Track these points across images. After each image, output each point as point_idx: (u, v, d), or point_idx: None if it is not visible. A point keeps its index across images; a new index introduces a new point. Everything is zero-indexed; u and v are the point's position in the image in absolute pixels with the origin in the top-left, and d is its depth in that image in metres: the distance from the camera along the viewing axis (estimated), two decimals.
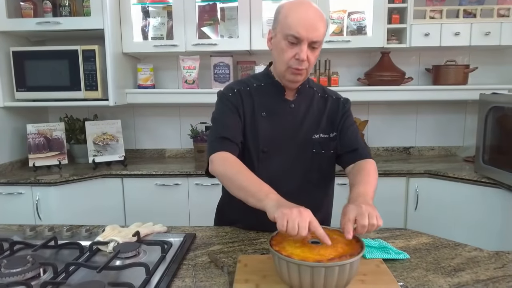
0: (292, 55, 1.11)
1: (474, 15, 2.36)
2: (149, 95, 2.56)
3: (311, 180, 1.25)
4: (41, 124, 2.46)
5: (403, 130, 2.75)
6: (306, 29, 1.07)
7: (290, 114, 1.22)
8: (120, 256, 1.04)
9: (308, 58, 1.11)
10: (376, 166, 1.24)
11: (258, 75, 1.31)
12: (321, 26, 1.10)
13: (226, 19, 2.51)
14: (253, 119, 1.21)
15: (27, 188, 2.16)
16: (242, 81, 1.29)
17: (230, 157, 1.12)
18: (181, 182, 2.32)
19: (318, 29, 1.09)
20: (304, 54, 1.09)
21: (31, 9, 2.36)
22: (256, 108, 1.21)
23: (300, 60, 1.10)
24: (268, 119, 1.21)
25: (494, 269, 0.98)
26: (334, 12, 2.47)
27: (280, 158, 1.21)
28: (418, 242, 1.17)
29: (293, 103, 1.23)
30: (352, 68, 2.69)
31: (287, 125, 1.21)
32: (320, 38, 1.10)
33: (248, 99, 1.22)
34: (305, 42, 1.08)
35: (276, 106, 1.22)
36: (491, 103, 2.06)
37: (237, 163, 1.10)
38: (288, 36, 1.09)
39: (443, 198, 2.20)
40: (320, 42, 1.12)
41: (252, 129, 1.20)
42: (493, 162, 2.05)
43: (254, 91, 1.23)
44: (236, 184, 1.05)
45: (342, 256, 0.83)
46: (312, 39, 1.09)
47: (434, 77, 2.56)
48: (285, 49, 1.11)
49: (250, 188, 1.01)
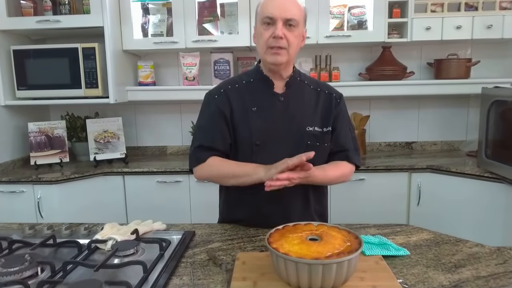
0: (269, 35, 1.17)
1: (476, 8, 2.33)
2: (149, 92, 2.56)
3: None
4: (42, 123, 2.47)
5: (405, 125, 2.74)
6: (278, 8, 1.15)
7: (280, 107, 1.25)
8: (118, 254, 1.04)
9: (286, 37, 1.16)
10: (351, 172, 1.30)
11: (248, 71, 1.35)
12: (294, 7, 1.17)
13: (226, 15, 2.50)
14: (245, 114, 1.24)
15: (29, 187, 2.17)
16: (231, 79, 1.34)
17: (210, 161, 1.22)
18: (182, 179, 2.32)
19: (290, 9, 1.16)
20: (279, 30, 1.14)
21: (31, 7, 2.36)
22: (247, 104, 1.25)
23: (277, 37, 1.15)
24: (258, 114, 1.24)
25: (495, 265, 0.97)
26: (334, 7, 2.45)
27: (275, 151, 1.22)
28: (418, 238, 1.16)
29: (282, 96, 1.26)
30: (353, 63, 2.67)
31: (277, 118, 1.24)
32: (294, 16, 1.16)
33: (238, 96, 1.26)
34: (279, 20, 1.15)
35: (265, 100, 1.25)
36: (494, 97, 2.04)
37: (218, 162, 1.22)
38: (263, 19, 1.17)
39: (446, 193, 2.18)
40: (296, 21, 1.16)
41: (244, 124, 1.23)
42: (496, 156, 2.04)
43: (244, 87, 1.28)
44: (226, 177, 1.21)
45: (340, 254, 0.83)
46: (285, 17, 1.15)
47: (436, 71, 2.53)
48: (263, 32, 1.18)
49: (238, 172, 1.18)
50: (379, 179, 2.24)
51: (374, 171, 2.24)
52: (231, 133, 1.25)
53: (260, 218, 1.24)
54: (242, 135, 1.23)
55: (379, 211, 2.23)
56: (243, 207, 1.28)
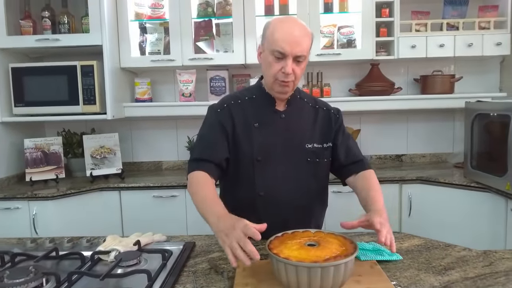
0: (278, 69, 1.18)
1: (457, 28, 2.46)
2: (146, 108, 2.60)
3: (307, 188, 1.30)
4: (38, 139, 2.49)
5: (395, 138, 2.82)
6: (290, 44, 1.15)
7: (281, 124, 1.28)
8: (121, 265, 1.05)
9: (294, 71, 1.18)
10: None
11: (251, 87, 1.38)
12: (305, 41, 1.18)
13: (221, 35, 2.59)
14: (247, 129, 1.27)
15: (24, 203, 2.17)
16: (235, 95, 1.36)
17: (201, 177, 1.19)
18: (178, 194, 2.34)
19: (302, 45, 1.17)
20: (289, 68, 1.17)
21: (31, 26, 2.41)
22: (249, 119, 1.27)
23: (286, 74, 1.18)
24: (260, 129, 1.27)
25: (482, 267, 1.03)
26: (325, 27, 2.56)
27: (275, 166, 1.26)
28: (410, 244, 1.21)
29: (283, 113, 1.29)
30: (343, 79, 2.77)
31: (279, 135, 1.27)
32: (303, 52, 1.18)
33: (240, 112, 1.28)
34: (289, 57, 1.16)
35: (267, 116, 1.28)
36: (476, 111, 2.14)
37: (202, 182, 1.18)
38: (274, 51, 1.17)
39: (435, 203, 2.25)
40: (304, 56, 1.19)
41: (246, 139, 1.26)
42: (480, 167, 2.12)
43: (246, 103, 1.30)
44: (195, 201, 1.15)
45: (337, 257, 0.88)
46: (296, 54, 1.16)
47: (422, 87, 2.64)
48: (272, 64, 1.19)
49: (199, 205, 1.12)
50: None
51: None
52: (230, 148, 1.26)
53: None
54: (243, 150, 1.26)
55: None
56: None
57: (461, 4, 2.52)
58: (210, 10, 2.54)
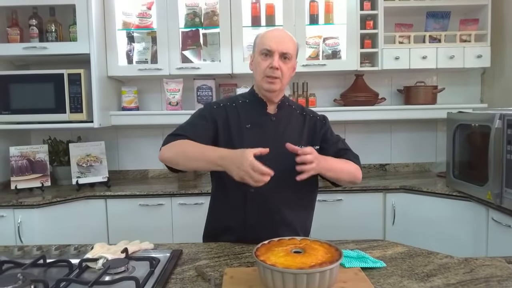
0: (266, 65, 1.30)
1: (439, 40, 2.54)
2: (133, 117, 2.60)
3: (298, 191, 1.34)
4: (24, 147, 2.46)
5: (379, 148, 2.88)
6: (276, 42, 1.30)
7: (272, 126, 1.37)
8: (109, 272, 1.06)
9: (281, 68, 1.30)
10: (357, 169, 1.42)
11: (244, 93, 1.48)
12: (291, 41, 1.33)
13: (208, 44, 2.61)
14: (239, 131, 1.35)
15: (9, 211, 2.13)
16: (230, 98, 1.48)
17: (179, 141, 1.27)
18: (164, 202, 2.34)
19: (287, 43, 1.31)
20: (276, 62, 1.29)
21: (18, 34, 2.39)
22: (242, 121, 1.37)
23: (274, 68, 1.29)
24: (252, 131, 1.35)
25: (463, 274, 1.06)
26: (310, 38, 2.61)
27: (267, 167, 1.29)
28: (394, 251, 1.24)
29: (274, 116, 1.39)
30: (328, 89, 2.82)
31: (270, 136, 1.35)
32: (289, 50, 1.31)
33: (234, 113, 1.38)
34: (276, 53, 1.29)
35: (259, 118, 1.38)
36: (458, 121, 2.21)
37: (188, 141, 1.26)
38: (262, 50, 1.31)
39: (418, 211, 2.30)
40: (290, 55, 1.31)
41: (239, 140, 1.33)
42: (462, 176, 2.18)
43: (240, 106, 1.41)
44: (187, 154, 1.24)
45: (322, 264, 0.90)
46: (282, 51, 1.29)
47: (405, 97, 2.71)
48: (261, 62, 1.32)
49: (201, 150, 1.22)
50: (355, 199, 2.34)
51: (351, 192, 2.33)
52: (212, 139, 1.33)
53: (248, 228, 1.32)
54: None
55: (356, 229, 2.31)
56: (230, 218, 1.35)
57: (443, 18, 2.61)
58: (197, 20, 2.57)
